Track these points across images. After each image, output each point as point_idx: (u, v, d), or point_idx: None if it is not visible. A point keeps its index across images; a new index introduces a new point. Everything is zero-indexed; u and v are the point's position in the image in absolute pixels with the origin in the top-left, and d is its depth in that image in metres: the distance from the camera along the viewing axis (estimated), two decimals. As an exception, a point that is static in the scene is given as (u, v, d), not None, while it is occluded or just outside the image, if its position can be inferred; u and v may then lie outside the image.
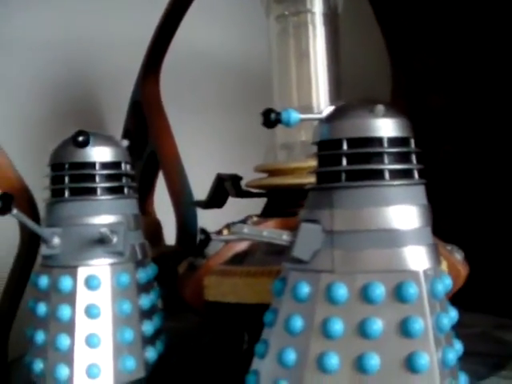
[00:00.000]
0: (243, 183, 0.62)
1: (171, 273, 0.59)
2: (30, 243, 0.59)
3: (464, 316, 0.63)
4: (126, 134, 0.86)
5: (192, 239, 0.73)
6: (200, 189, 0.70)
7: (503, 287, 0.77)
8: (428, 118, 0.87)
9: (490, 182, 0.82)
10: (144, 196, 0.82)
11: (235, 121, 1.00)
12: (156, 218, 0.83)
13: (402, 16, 0.86)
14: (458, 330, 0.42)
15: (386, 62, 0.85)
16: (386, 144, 0.39)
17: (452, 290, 0.51)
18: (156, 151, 0.79)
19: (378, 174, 0.39)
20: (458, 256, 0.55)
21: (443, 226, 0.61)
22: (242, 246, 0.54)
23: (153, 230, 0.77)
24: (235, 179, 0.62)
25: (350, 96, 0.61)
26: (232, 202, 0.64)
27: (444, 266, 0.52)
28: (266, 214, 0.59)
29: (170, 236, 0.79)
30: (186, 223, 0.74)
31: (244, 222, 0.56)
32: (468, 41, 0.83)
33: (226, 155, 1.00)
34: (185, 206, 0.73)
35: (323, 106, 0.60)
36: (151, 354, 0.50)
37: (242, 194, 0.61)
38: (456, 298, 0.53)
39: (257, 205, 0.62)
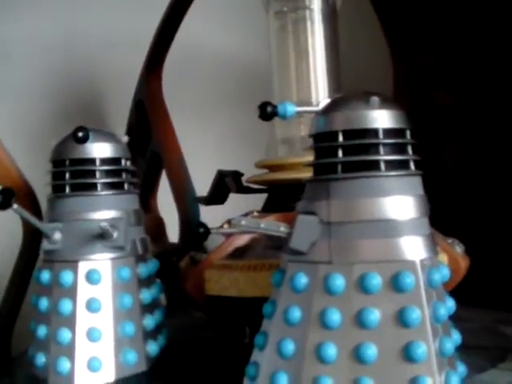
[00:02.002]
0: (244, 179, 0.62)
1: (174, 269, 0.59)
2: (32, 239, 0.59)
3: (464, 311, 0.63)
4: (129, 132, 0.86)
5: (195, 236, 0.73)
6: (202, 185, 0.71)
7: (503, 282, 0.77)
8: (432, 115, 0.87)
9: (493, 179, 0.82)
10: (147, 194, 0.83)
11: (236, 117, 1.00)
12: (159, 216, 0.83)
13: (403, 10, 0.86)
14: (459, 324, 0.43)
15: (387, 58, 0.85)
16: (381, 135, 0.40)
17: (452, 283, 0.52)
18: (159, 150, 0.79)
19: (374, 165, 0.39)
20: (459, 249, 0.55)
21: (445, 220, 0.61)
22: (242, 241, 0.54)
23: (156, 228, 0.77)
24: (236, 175, 0.62)
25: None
26: (235, 198, 0.64)
27: (444, 258, 0.52)
28: (266, 209, 0.59)
29: (173, 233, 0.79)
30: (189, 220, 0.74)
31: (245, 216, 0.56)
32: (473, 36, 0.83)
33: (228, 151, 1.00)
34: (188, 204, 0.74)
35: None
36: (152, 347, 0.51)
37: (243, 189, 0.62)
38: (456, 293, 0.53)
39: (260, 201, 0.62)
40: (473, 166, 0.85)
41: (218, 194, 0.63)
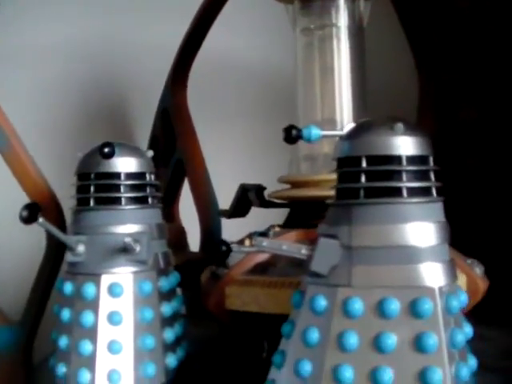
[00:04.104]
0: (267, 193, 0.63)
1: (195, 279, 0.60)
2: (56, 249, 0.60)
3: (488, 330, 0.63)
4: (154, 141, 0.87)
5: (216, 247, 0.74)
6: (223, 195, 0.71)
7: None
8: (457, 130, 0.87)
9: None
10: (170, 203, 0.83)
11: (261, 130, 1.01)
12: (181, 225, 0.83)
13: (430, 26, 0.86)
14: (480, 344, 0.43)
15: (413, 73, 0.85)
16: (404, 162, 0.40)
17: (470, 305, 0.52)
18: (183, 159, 0.79)
19: (397, 192, 0.40)
20: (478, 270, 0.55)
21: (466, 237, 0.61)
22: (263, 257, 0.54)
23: (177, 237, 0.78)
24: (259, 189, 0.63)
25: (377, 108, 0.62)
26: (256, 210, 0.64)
27: (463, 280, 0.53)
28: (288, 225, 0.60)
29: (194, 242, 0.80)
30: (210, 231, 0.75)
31: (266, 232, 0.57)
32: (500, 51, 0.83)
33: (251, 163, 1.01)
34: (210, 215, 0.74)
35: (347, 119, 0.61)
36: (172, 360, 0.51)
37: (265, 204, 0.62)
38: (480, 312, 0.54)
39: (281, 214, 0.63)
40: (496, 182, 0.85)
41: (240, 208, 0.63)
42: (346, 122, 0.60)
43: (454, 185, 0.83)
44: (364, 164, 0.40)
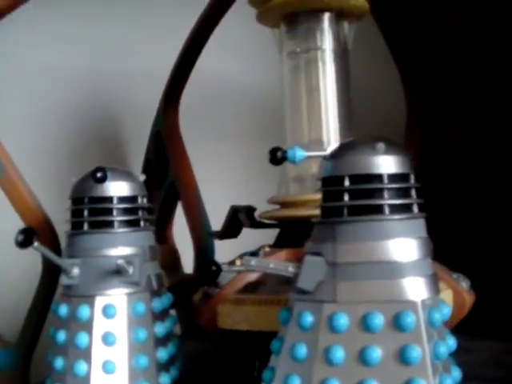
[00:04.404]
0: (258, 214, 0.64)
1: (189, 300, 0.61)
2: (51, 273, 0.61)
3: (473, 342, 0.64)
4: (147, 164, 0.88)
5: (208, 273, 0.75)
6: (217, 218, 0.72)
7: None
8: (445, 146, 0.88)
9: (504, 211, 0.83)
10: (163, 225, 0.84)
11: (253, 151, 1.01)
12: (174, 247, 0.84)
13: (416, 44, 0.87)
14: (466, 355, 0.44)
15: (399, 92, 0.86)
16: (386, 180, 0.41)
17: (457, 318, 0.53)
18: (175, 182, 0.80)
19: (379, 209, 0.41)
20: (464, 284, 0.56)
21: (453, 251, 0.62)
22: (254, 276, 0.55)
23: (171, 259, 0.79)
24: (249, 210, 0.64)
25: (365, 128, 0.63)
26: (250, 231, 0.65)
27: (449, 294, 0.54)
28: (278, 245, 0.61)
29: (189, 263, 0.81)
30: (204, 252, 0.76)
31: (257, 252, 0.58)
32: (489, 67, 0.84)
33: (244, 185, 1.02)
34: (203, 236, 0.75)
35: (333, 140, 0.62)
36: (165, 379, 0.52)
37: (256, 224, 0.63)
38: (464, 325, 0.55)
39: (273, 234, 0.64)
40: (486, 197, 0.85)
41: (231, 229, 0.64)
42: (333, 142, 0.62)
43: (444, 200, 0.84)
44: (347, 183, 0.41)
